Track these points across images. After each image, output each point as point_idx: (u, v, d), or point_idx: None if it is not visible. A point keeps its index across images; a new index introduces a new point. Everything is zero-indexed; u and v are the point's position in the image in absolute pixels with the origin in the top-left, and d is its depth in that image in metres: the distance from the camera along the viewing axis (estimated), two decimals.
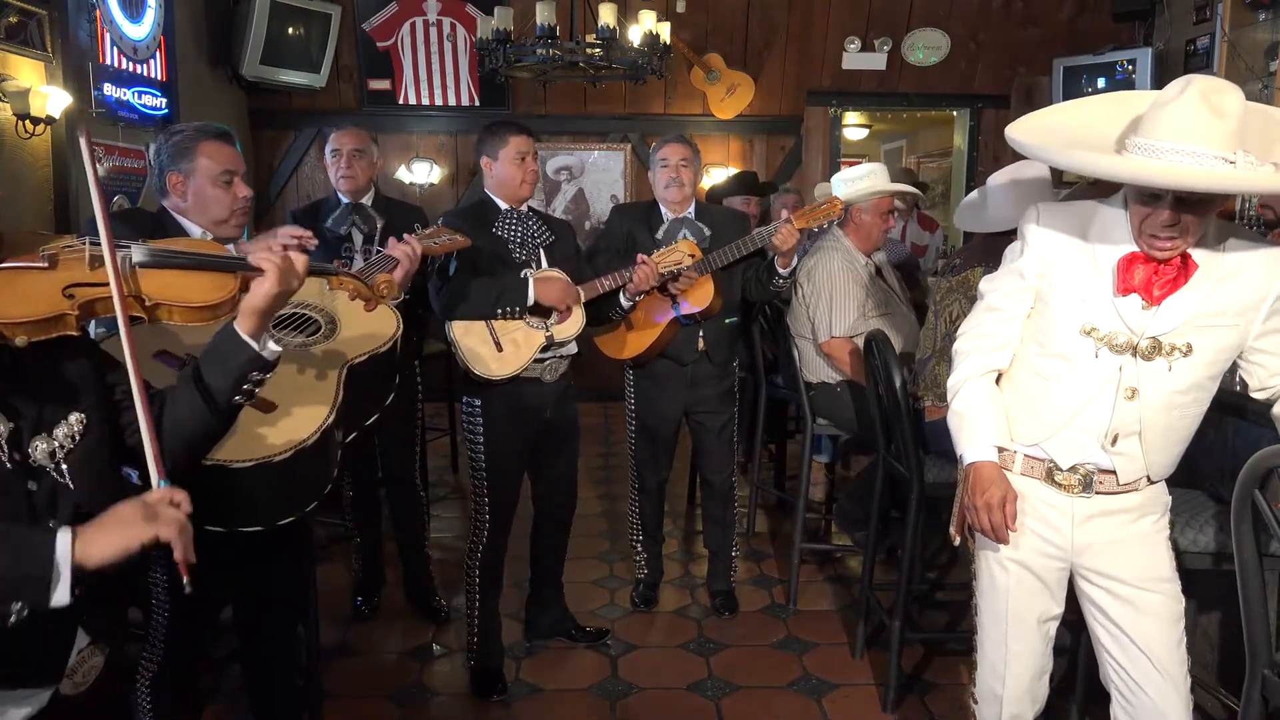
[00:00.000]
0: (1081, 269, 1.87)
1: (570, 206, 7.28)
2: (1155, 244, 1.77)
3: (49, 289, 1.36)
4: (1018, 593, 2.01)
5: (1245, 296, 1.82)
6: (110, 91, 4.83)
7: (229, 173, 2.23)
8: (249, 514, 1.94)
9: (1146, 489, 1.95)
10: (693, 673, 3.19)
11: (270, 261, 1.50)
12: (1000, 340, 2.00)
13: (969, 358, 2.03)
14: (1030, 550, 1.98)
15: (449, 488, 5.22)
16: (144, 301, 1.45)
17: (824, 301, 3.62)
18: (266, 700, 2.46)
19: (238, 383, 1.52)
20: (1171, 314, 1.81)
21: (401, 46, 6.88)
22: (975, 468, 1.97)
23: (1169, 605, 1.93)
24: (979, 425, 1.99)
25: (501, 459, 2.99)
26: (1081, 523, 1.94)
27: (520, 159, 2.94)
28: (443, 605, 3.58)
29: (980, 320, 2.04)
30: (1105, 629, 1.97)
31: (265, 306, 1.51)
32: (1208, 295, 1.80)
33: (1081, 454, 1.91)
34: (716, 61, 6.96)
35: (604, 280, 3.13)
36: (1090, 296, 1.86)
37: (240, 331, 1.51)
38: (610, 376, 3.90)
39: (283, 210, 7.05)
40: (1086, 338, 1.86)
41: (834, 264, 3.64)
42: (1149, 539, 1.95)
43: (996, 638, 2.07)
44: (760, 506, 4.64)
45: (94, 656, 1.44)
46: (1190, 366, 1.83)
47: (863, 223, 3.69)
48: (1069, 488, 1.93)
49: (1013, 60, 6.96)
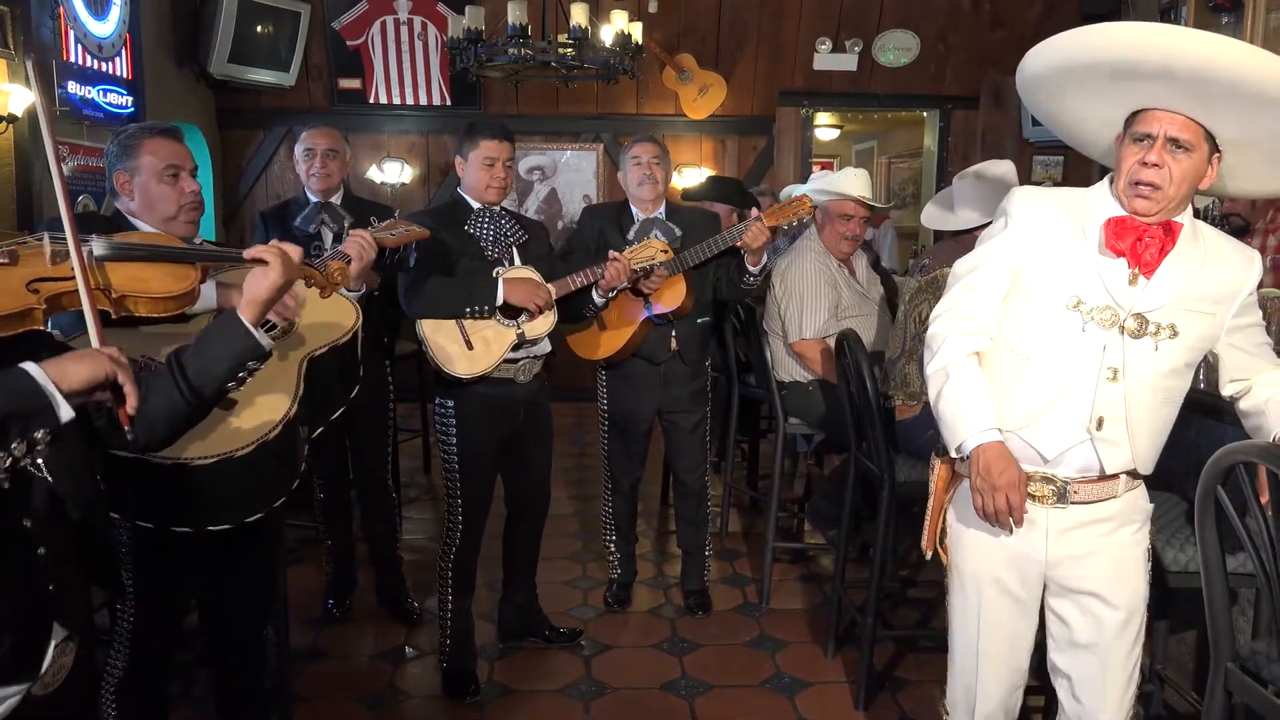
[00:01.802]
0: (1067, 239, 1.87)
1: (543, 206, 7.26)
2: (1138, 192, 1.78)
3: (12, 284, 1.37)
4: (990, 606, 1.99)
5: (1222, 287, 1.86)
6: (75, 89, 4.76)
7: (174, 167, 2.17)
8: (216, 512, 1.92)
9: (1126, 494, 1.91)
10: (666, 672, 3.19)
11: (271, 254, 1.60)
12: (979, 322, 1.94)
13: (948, 340, 1.94)
14: (1003, 563, 1.96)
15: (421, 489, 5.19)
16: (110, 294, 1.48)
17: (795, 302, 3.64)
18: (233, 704, 2.43)
19: (234, 370, 1.58)
20: (1159, 290, 1.82)
21: (372, 45, 6.83)
22: (983, 449, 1.85)
23: (1128, 630, 1.92)
24: (976, 407, 1.88)
25: (474, 460, 2.97)
26: (1058, 535, 1.91)
27: (488, 164, 2.91)
28: (415, 607, 3.56)
29: (958, 300, 1.96)
30: (1059, 638, 1.97)
31: (270, 297, 1.60)
32: (1193, 279, 1.82)
33: (1065, 441, 1.86)
34: (688, 62, 6.97)
35: (576, 277, 3.12)
36: (1077, 266, 1.85)
37: (245, 320, 1.57)
38: (583, 376, 3.89)
39: (251, 209, 6.97)
40: (1073, 311, 1.84)
41: (805, 264, 3.65)
42: (1126, 551, 1.92)
43: (968, 650, 2.04)
44: (733, 506, 4.65)
45: (63, 656, 1.43)
46: (1175, 350, 1.84)
47: (823, 226, 3.71)
48: (1043, 499, 1.89)
49: (982, 61, 7.03)
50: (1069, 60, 1.82)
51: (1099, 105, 1.87)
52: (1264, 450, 1.63)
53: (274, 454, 1.93)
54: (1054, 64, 1.85)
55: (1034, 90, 1.95)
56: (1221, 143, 1.79)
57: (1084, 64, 1.80)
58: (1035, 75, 1.90)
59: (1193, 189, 1.81)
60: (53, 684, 1.42)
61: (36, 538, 1.38)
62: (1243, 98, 1.67)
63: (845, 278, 3.71)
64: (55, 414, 1.28)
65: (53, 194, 1.47)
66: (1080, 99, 1.89)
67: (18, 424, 1.24)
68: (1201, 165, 1.79)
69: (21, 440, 1.25)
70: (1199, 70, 1.66)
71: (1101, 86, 1.82)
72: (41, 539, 1.38)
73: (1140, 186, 1.77)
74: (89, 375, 1.31)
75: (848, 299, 3.68)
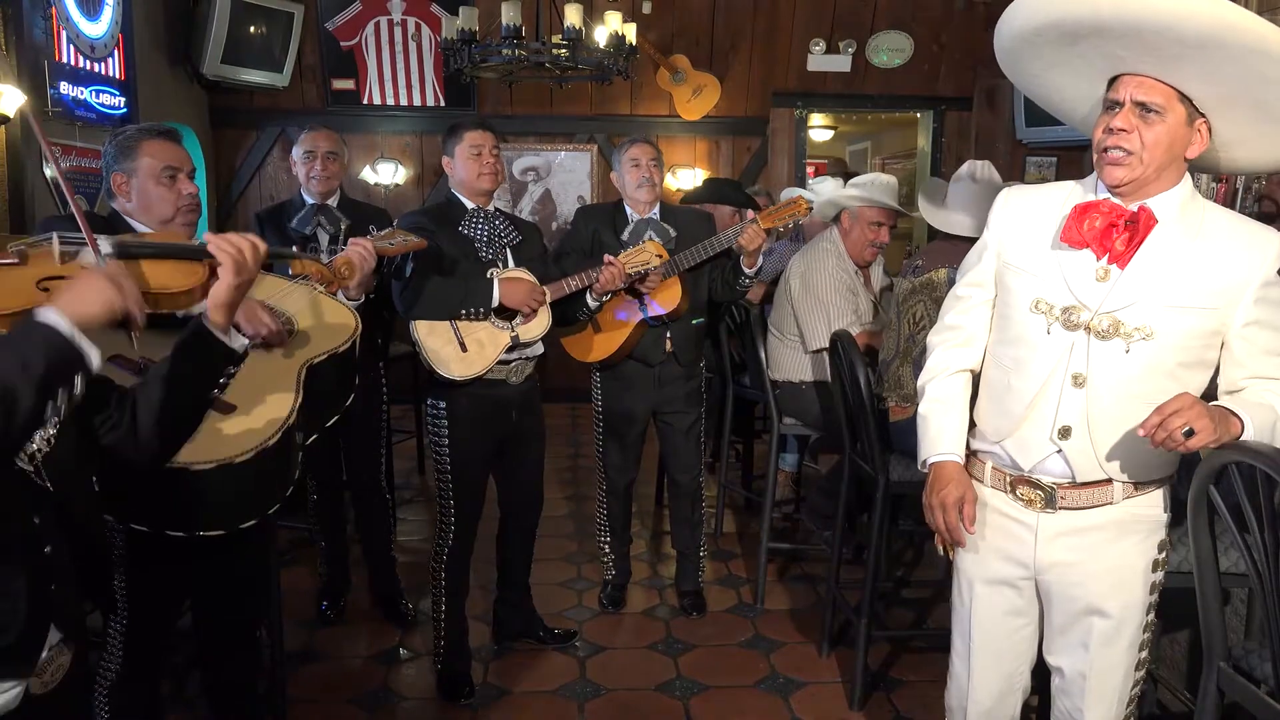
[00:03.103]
0: (1039, 236, 1.80)
1: (537, 207, 7.25)
2: (1108, 159, 1.69)
3: (22, 283, 1.40)
4: (981, 605, 1.97)
5: (1225, 277, 1.70)
6: (67, 90, 4.74)
7: (171, 169, 2.17)
8: (211, 517, 1.93)
9: (1125, 501, 1.81)
10: (661, 673, 3.19)
11: (222, 249, 1.55)
12: (966, 333, 1.95)
13: (934, 353, 1.98)
14: (995, 566, 1.93)
15: (415, 490, 5.18)
16: None
17: (819, 309, 3.58)
18: (227, 705, 2.43)
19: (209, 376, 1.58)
20: (1130, 285, 1.71)
21: (365, 46, 6.82)
22: (935, 467, 1.94)
23: (1118, 640, 1.85)
24: (941, 427, 1.94)
25: (467, 461, 2.97)
26: (1048, 540, 1.85)
27: (476, 153, 2.92)
28: (409, 608, 3.56)
29: (947, 309, 1.99)
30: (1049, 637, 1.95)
31: (227, 298, 1.56)
32: (1179, 270, 1.70)
33: (1039, 452, 1.82)
34: (682, 63, 6.97)
35: (570, 280, 3.12)
36: (1040, 264, 1.78)
37: (209, 325, 1.55)
38: (578, 377, 3.89)
39: (245, 210, 6.96)
40: (1036, 314, 1.78)
41: (829, 269, 3.60)
42: (1124, 560, 1.83)
43: (963, 651, 2.04)
44: (728, 506, 4.66)
45: (62, 655, 1.44)
46: (1152, 353, 1.71)
47: (850, 230, 3.68)
48: (1031, 502, 1.85)
49: (975, 62, 7.03)
50: (1026, 24, 1.74)
51: (1077, 79, 1.79)
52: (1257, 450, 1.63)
53: (271, 461, 1.93)
54: (1024, 32, 1.76)
55: (1012, 63, 1.86)
56: (1201, 106, 1.67)
57: (1044, 24, 1.70)
58: (1006, 49, 1.83)
59: (1171, 158, 1.69)
60: (52, 682, 1.43)
61: (44, 536, 1.39)
62: (1190, 46, 1.57)
63: (861, 285, 3.69)
64: (84, 361, 1.31)
65: (46, 194, 1.50)
66: (1056, 72, 1.81)
67: (61, 381, 1.28)
68: (1179, 130, 1.67)
69: (66, 396, 1.30)
70: (1135, 21, 1.57)
71: (1067, 54, 1.74)
72: (48, 538, 1.40)
73: (1109, 153, 1.69)
74: (102, 307, 1.33)
75: (863, 307, 3.66)
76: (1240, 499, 1.67)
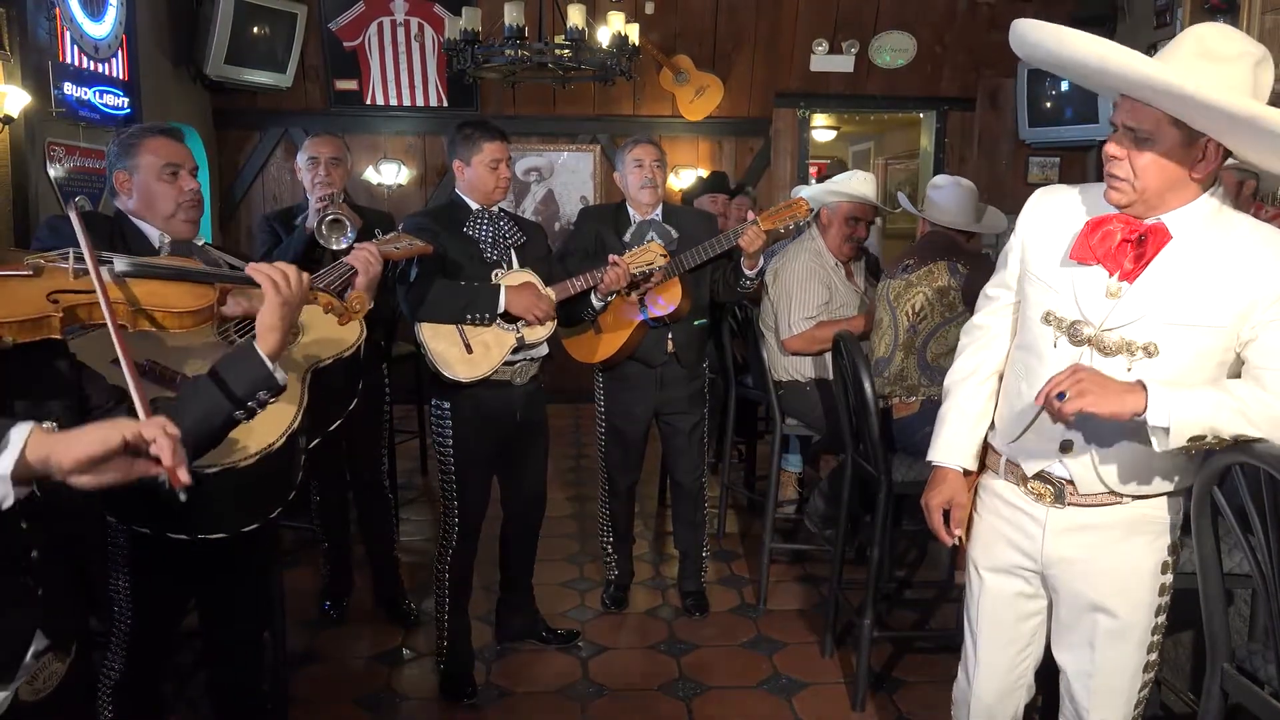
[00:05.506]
0: (1058, 244, 1.77)
1: (540, 208, 7.26)
2: (1108, 183, 1.68)
3: (35, 294, 1.44)
4: (989, 595, 1.97)
5: (1246, 292, 1.62)
6: (71, 91, 4.75)
7: (173, 166, 2.18)
8: (214, 521, 1.93)
9: (1135, 502, 1.79)
10: (663, 673, 3.19)
11: (259, 270, 1.64)
12: (991, 333, 1.97)
13: (962, 354, 2.02)
14: (1003, 558, 1.93)
15: (418, 491, 5.19)
16: (129, 307, 1.55)
17: (784, 299, 3.68)
18: (230, 706, 2.43)
19: (245, 398, 1.61)
20: (1135, 303, 1.67)
21: (369, 46, 6.83)
22: (935, 470, 2.02)
23: (1124, 640, 1.83)
24: (955, 433, 1.99)
25: (470, 462, 2.97)
26: (1056, 534, 1.84)
27: (494, 166, 2.93)
28: (412, 609, 3.56)
29: (979, 307, 2.03)
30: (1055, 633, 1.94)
31: (271, 320, 1.63)
32: (1191, 287, 1.64)
33: (1042, 460, 1.83)
34: (685, 63, 6.97)
35: (575, 281, 3.13)
36: (1054, 275, 1.77)
37: (259, 349, 1.62)
38: (581, 378, 3.89)
39: (248, 211, 6.98)
40: (1047, 326, 1.77)
41: (799, 263, 3.68)
42: (1133, 561, 1.81)
43: (970, 644, 2.05)
44: (730, 507, 4.65)
45: (54, 664, 1.43)
46: (1155, 371, 1.66)
47: (828, 226, 3.72)
48: (1042, 496, 1.84)
49: (978, 63, 7.03)
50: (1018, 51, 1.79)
51: None
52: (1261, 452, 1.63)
53: (275, 465, 1.93)
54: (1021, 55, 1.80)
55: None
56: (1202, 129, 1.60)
57: (1028, 57, 1.76)
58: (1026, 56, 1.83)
59: (1169, 181, 1.63)
60: (44, 689, 1.42)
61: (31, 539, 1.38)
62: (1159, 93, 1.54)
63: (842, 279, 3.72)
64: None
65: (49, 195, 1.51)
66: None
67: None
68: (1175, 154, 1.60)
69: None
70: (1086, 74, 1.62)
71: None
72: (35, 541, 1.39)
73: (1108, 178, 1.68)
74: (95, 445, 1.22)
75: (841, 299, 3.69)
76: (1244, 500, 1.67)
